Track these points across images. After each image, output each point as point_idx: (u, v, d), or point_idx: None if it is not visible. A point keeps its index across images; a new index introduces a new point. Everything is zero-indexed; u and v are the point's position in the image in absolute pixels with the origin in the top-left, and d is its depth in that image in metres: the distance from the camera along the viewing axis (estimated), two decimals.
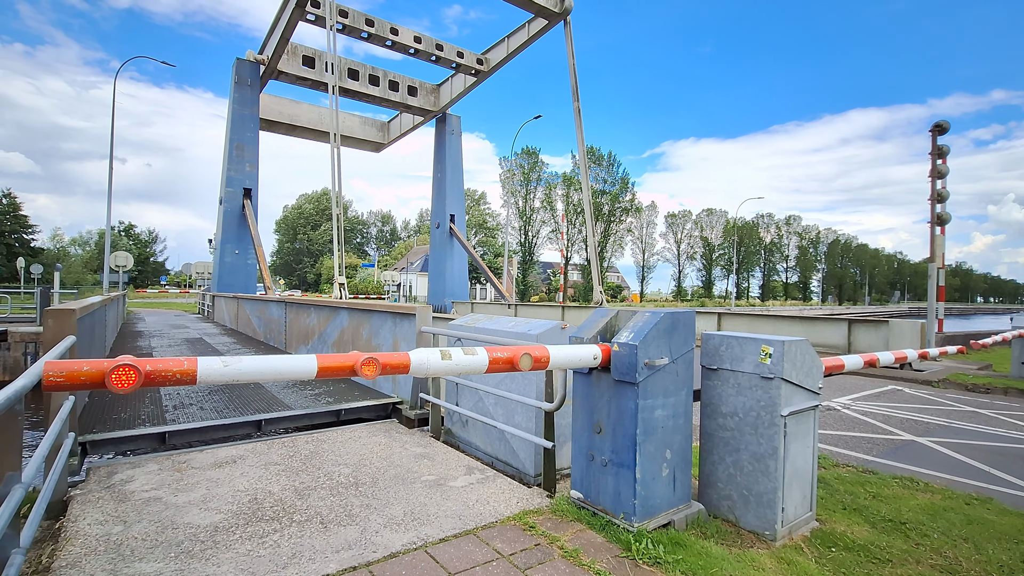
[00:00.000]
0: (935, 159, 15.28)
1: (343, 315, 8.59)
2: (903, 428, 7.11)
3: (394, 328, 6.69)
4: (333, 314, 9.07)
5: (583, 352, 3.41)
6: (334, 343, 8.85)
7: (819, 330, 12.34)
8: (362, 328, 7.79)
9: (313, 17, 21.70)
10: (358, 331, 7.94)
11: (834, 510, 4.01)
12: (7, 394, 2.24)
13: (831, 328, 12.17)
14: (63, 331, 4.23)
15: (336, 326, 8.92)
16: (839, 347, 11.72)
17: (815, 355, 3.71)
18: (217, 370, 2.42)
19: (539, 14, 21.51)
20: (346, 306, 8.46)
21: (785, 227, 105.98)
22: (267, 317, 13.84)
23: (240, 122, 25.53)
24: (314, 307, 10.31)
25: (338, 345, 8.63)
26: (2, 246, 51.10)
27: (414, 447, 5.17)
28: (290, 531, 3.35)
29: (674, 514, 3.51)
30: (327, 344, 9.21)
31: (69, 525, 3.37)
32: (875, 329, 11.27)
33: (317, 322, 10.00)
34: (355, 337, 7.98)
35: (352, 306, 8.24)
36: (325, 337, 9.37)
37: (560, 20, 21.33)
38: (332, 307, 9.13)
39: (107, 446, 4.99)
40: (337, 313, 8.88)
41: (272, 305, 13.35)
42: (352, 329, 8.21)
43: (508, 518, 3.60)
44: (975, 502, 4.30)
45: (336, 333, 8.88)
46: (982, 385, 10.29)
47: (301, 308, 11.16)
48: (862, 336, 11.52)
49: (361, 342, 7.63)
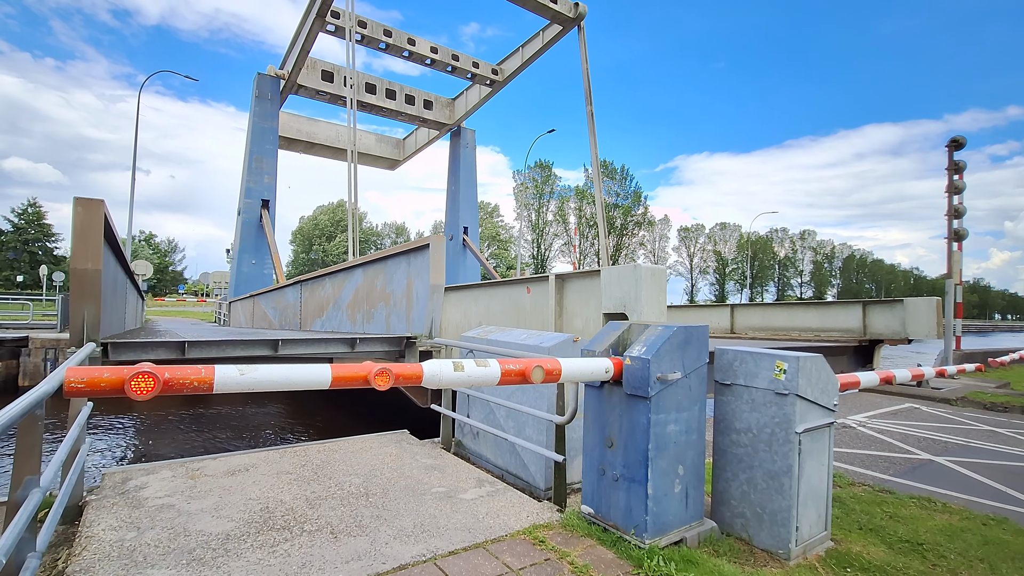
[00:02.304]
0: (951, 174, 15.12)
1: (357, 274, 8.56)
2: (920, 447, 6.96)
3: (408, 268, 6.61)
4: (347, 277, 9.10)
5: (595, 365, 3.41)
6: (348, 305, 8.84)
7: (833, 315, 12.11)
8: (376, 280, 7.73)
9: (333, 28, 22.18)
10: (372, 284, 7.87)
11: (850, 530, 3.93)
12: (29, 399, 2.30)
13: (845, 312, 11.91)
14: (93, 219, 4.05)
15: (350, 288, 8.94)
16: (855, 330, 11.45)
17: (831, 371, 3.67)
18: (233, 378, 2.45)
19: (554, 20, 21.77)
20: (360, 262, 8.43)
21: (800, 242, 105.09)
22: (283, 304, 13.96)
23: (260, 135, 26.01)
24: (328, 276, 10.41)
25: (352, 306, 8.60)
26: (26, 254, 52.27)
27: (425, 458, 5.17)
28: (300, 540, 3.36)
29: (686, 531, 3.46)
30: (341, 308, 9.22)
31: (84, 530, 3.41)
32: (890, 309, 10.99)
33: (332, 291, 10.07)
34: (369, 292, 7.91)
35: (366, 259, 8.19)
36: (339, 303, 9.37)
37: (574, 26, 21.56)
38: (346, 269, 9.15)
39: (128, 350, 4.94)
40: (351, 274, 8.88)
41: (288, 291, 13.51)
42: (366, 285, 8.14)
43: (518, 532, 3.58)
44: (992, 522, 4.20)
45: (350, 295, 8.88)
46: (1001, 403, 10.06)
47: (316, 283, 11.29)
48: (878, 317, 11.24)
49: (376, 293, 7.56)
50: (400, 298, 6.74)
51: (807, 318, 12.89)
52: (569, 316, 6.17)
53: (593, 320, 5.78)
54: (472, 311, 8.11)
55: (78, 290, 3.93)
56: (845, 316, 11.82)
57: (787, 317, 14.24)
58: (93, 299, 3.98)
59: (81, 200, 4.02)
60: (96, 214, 4.03)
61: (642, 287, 5.12)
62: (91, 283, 3.96)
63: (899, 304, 10.81)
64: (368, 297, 7.90)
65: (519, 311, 7.00)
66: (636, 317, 5.15)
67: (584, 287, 5.96)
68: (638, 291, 5.13)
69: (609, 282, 5.47)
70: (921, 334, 10.34)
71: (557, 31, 22.51)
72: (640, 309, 5.12)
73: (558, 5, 20.52)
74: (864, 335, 11.34)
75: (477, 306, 7.99)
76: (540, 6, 20.37)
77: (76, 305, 3.92)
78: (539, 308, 6.59)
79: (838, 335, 12.14)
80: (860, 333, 11.52)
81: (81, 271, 3.88)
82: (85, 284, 3.93)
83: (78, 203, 4.01)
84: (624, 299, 5.27)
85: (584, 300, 5.94)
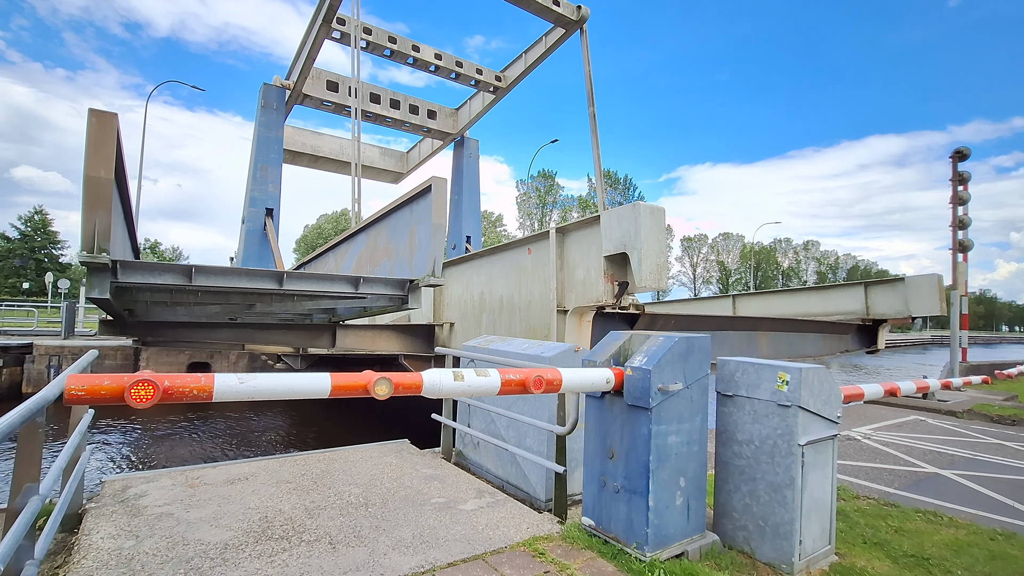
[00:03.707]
0: (956, 185, 15.10)
1: (360, 239, 8.49)
2: (926, 460, 6.89)
3: (410, 217, 6.56)
4: (349, 245, 9.03)
5: (596, 376, 3.39)
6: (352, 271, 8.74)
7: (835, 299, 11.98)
8: (379, 239, 7.66)
9: (339, 35, 22.41)
10: (375, 245, 7.78)
11: (854, 544, 3.89)
12: (29, 406, 2.30)
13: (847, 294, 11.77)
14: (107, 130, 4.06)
15: (353, 254, 8.87)
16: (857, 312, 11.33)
17: (834, 382, 3.64)
18: (233, 387, 2.45)
19: (557, 22, 21.92)
20: (362, 226, 8.28)
21: (803, 252, 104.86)
22: None
23: (265, 144, 26.23)
24: (330, 250, 10.32)
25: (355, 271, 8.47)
26: (32, 261, 52.59)
27: (424, 468, 5.15)
28: (299, 550, 3.34)
29: (688, 544, 3.43)
30: None
31: (83, 538, 3.40)
32: (892, 289, 10.88)
33: (334, 263, 9.98)
34: (372, 253, 7.82)
35: (368, 221, 8.10)
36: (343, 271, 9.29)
37: (577, 29, 21.69)
38: (348, 237, 9.06)
39: (135, 271, 4.90)
40: (353, 241, 8.81)
41: None
42: (369, 247, 8.04)
43: (517, 544, 3.55)
44: (999, 537, 4.15)
45: (353, 262, 8.81)
46: (1008, 416, 9.96)
47: (319, 260, 11.20)
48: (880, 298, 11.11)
49: (379, 252, 7.42)
50: (403, 249, 6.68)
51: (808, 303, 12.72)
52: (570, 268, 6.13)
53: (594, 269, 5.72)
54: (474, 282, 8.06)
55: (91, 198, 3.99)
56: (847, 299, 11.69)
57: (787, 303, 14.05)
58: (104, 208, 4.02)
59: (96, 111, 4.09)
60: (110, 126, 4.09)
61: (641, 224, 5.12)
62: (103, 191, 4.01)
63: (900, 283, 10.74)
64: (371, 258, 7.82)
65: (520, 273, 6.96)
66: (636, 256, 5.13)
67: (584, 237, 5.93)
68: (638, 228, 5.13)
69: (609, 225, 5.46)
70: (924, 311, 10.28)
71: (560, 35, 22.66)
72: (640, 246, 5.11)
73: (560, 7, 20.67)
74: (867, 316, 11.22)
75: (479, 276, 7.94)
76: (543, 8, 20.51)
77: (88, 213, 3.97)
78: (540, 266, 6.56)
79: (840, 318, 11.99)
80: (863, 315, 11.38)
81: (94, 178, 3.95)
82: (98, 192, 3.98)
83: (93, 114, 4.08)
84: (624, 239, 5.25)
85: (584, 250, 5.90)
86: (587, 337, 6.32)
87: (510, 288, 7.17)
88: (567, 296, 6.11)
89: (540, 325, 6.52)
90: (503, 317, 7.30)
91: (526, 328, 6.79)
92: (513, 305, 7.09)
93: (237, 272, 5.40)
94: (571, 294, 6.06)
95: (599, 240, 5.58)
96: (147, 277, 4.98)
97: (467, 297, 8.23)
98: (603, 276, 5.55)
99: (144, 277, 4.96)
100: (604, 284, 5.56)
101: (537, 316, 6.58)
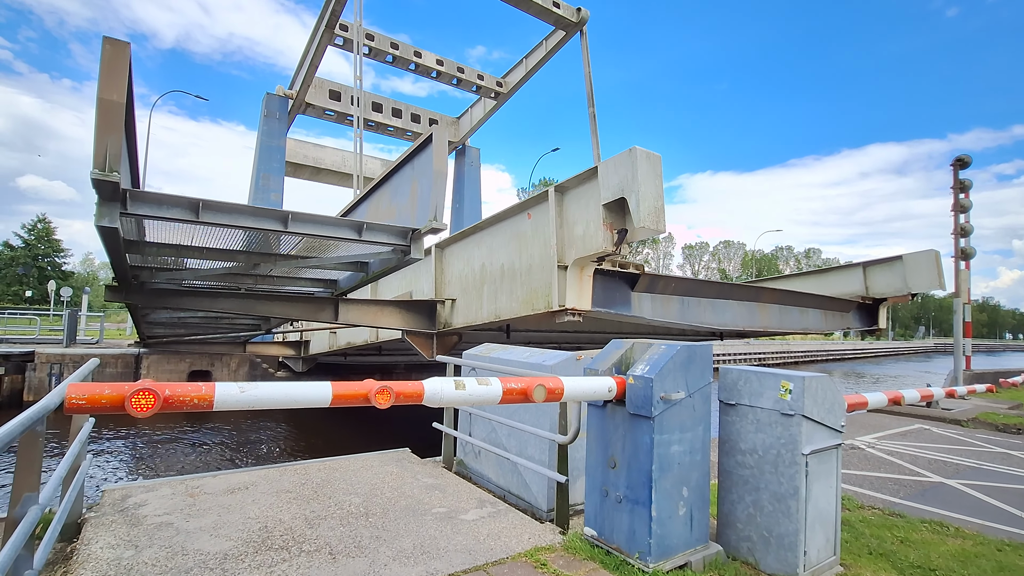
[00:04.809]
0: (957, 193, 15.11)
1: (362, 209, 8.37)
2: (931, 469, 6.84)
3: (412, 172, 6.51)
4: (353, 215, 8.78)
5: (597, 384, 3.38)
6: None
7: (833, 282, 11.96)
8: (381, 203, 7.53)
9: (341, 41, 22.56)
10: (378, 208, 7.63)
11: (859, 555, 3.85)
12: (29, 415, 2.30)
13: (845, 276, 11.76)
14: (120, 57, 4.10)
15: None
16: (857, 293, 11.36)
17: (837, 391, 3.62)
18: (234, 396, 2.44)
19: (557, 24, 22.04)
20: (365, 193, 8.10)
21: (805, 260, 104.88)
22: None
23: (267, 153, 26.37)
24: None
25: None
26: (35, 269, 52.73)
27: (425, 477, 5.12)
28: (299, 561, 3.32)
29: (691, 555, 3.40)
30: None
31: (82, 548, 3.37)
32: (890, 268, 10.94)
33: None
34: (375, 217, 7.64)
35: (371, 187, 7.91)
36: None
37: (576, 31, 21.80)
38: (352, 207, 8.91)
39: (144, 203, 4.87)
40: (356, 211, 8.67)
41: None
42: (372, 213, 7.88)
43: (519, 555, 3.52)
44: (1007, 548, 4.10)
45: None
46: (1013, 425, 9.90)
47: None
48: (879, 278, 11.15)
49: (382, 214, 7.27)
50: (405, 207, 6.63)
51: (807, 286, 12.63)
52: (569, 226, 6.11)
53: (593, 222, 5.69)
54: (475, 255, 8.00)
55: (103, 121, 4.07)
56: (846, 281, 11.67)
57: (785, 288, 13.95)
58: (116, 131, 4.09)
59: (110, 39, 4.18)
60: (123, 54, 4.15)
61: (638, 167, 5.14)
62: (115, 114, 4.09)
63: (898, 261, 10.78)
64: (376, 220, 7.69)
65: (520, 240, 6.93)
66: (635, 199, 5.13)
67: (583, 192, 5.92)
68: (635, 172, 5.14)
69: (606, 173, 5.47)
70: (923, 287, 10.31)
71: (560, 38, 22.77)
72: (637, 189, 5.12)
73: (560, 10, 20.79)
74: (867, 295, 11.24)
75: (480, 249, 7.89)
76: (543, 10, 20.64)
77: (101, 135, 4.04)
78: (540, 229, 6.55)
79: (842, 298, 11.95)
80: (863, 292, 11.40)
81: (107, 101, 4.03)
82: (110, 115, 4.06)
83: (107, 42, 4.16)
84: (622, 184, 5.27)
85: (584, 204, 5.90)
86: (588, 295, 6.32)
87: (511, 255, 7.15)
88: (567, 252, 6.12)
89: (541, 286, 6.50)
90: (504, 284, 7.27)
91: (527, 291, 6.78)
92: (514, 271, 7.07)
93: (242, 210, 5.39)
94: (571, 250, 6.07)
95: (597, 193, 5.59)
96: (155, 209, 4.97)
97: (468, 272, 8.18)
98: (602, 226, 5.54)
99: (152, 209, 4.95)
100: (604, 233, 5.55)
101: (538, 277, 6.57)
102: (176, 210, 5.03)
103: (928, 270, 10.22)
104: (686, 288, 7.93)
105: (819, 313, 10.81)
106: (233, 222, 5.30)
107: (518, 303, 6.97)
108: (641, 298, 7.21)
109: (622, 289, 6.95)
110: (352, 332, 13.05)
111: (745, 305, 9.12)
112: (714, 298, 8.55)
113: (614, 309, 6.74)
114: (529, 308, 6.70)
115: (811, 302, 10.55)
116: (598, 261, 6.04)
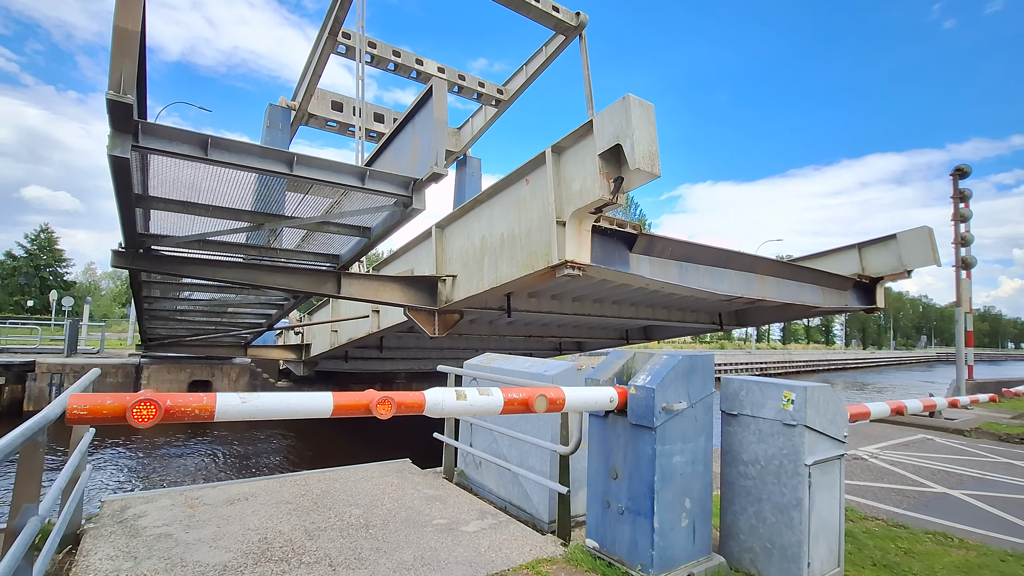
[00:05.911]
0: (957, 203, 15.15)
1: None
2: (935, 480, 6.80)
3: (413, 130, 6.52)
4: None
5: (599, 395, 3.37)
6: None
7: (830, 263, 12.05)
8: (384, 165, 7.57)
9: (344, 49, 22.74)
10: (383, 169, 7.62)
11: (863, 566, 3.82)
12: (30, 425, 2.30)
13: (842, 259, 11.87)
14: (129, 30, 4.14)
15: None
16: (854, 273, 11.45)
17: (840, 402, 3.61)
18: (235, 406, 2.44)
19: (556, 29, 22.17)
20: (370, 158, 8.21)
21: None
22: None
23: None
24: None
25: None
26: (37, 279, 52.81)
27: (426, 488, 5.09)
28: (298, 573, 3.30)
29: (694, 567, 3.37)
30: None
31: (81, 559, 3.36)
32: (885, 247, 11.08)
33: None
34: None
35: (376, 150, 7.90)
36: None
37: (576, 35, 21.96)
38: None
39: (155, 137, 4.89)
40: None
41: None
42: None
43: (520, 566, 3.49)
44: (1010, 558, 4.07)
45: None
46: (1016, 435, 9.85)
47: None
48: (874, 258, 11.29)
49: None
50: (406, 165, 6.68)
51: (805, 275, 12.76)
52: (567, 183, 6.14)
53: (590, 176, 5.71)
54: (475, 229, 8.00)
55: (119, 47, 4.09)
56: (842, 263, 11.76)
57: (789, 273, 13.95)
58: (131, 58, 4.10)
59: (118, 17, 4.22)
60: None
61: (632, 114, 5.19)
62: (130, 42, 4.09)
63: (892, 240, 10.91)
64: None
65: (519, 206, 6.94)
66: (629, 144, 5.16)
67: (579, 149, 5.95)
68: (629, 118, 5.19)
69: (601, 124, 5.51)
70: (918, 263, 10.42)
71: (560, 42, 22.91)
72: (632, 134, 5.17)
73: (560, 14, 20.99)
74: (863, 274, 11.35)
75: (479, 223, 7.89)
76: (542, 14, 20.81)
77: (116, 61, 4.01)
78: (538, 192, 6.56)
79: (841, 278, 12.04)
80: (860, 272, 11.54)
81: (122, 29, 4.03)
82: (125, 42, 4.06)
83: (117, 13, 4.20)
84: (616, 132, 5.31)
85: (580, 160, 5.93)
86: (587, 250, 6.35)
87: (510, 223, 7.16)
88: (565, 208, 6.16)
89: (540, 246, 6.51)
90: (504, 252, 7.27)
91: (527, 255, 6.78)
92: (514, 237, 7.09)
93: (251, 150, 5.46)
94: (569, 206, 6.12)
95: (593, 146, 5.64)
96: (166, 144, 5.02)
97: (468, 247, 8.18)
98: (599, 176, 5.58)
99: (163, 143, 5.01)
100: (600, 182, 5.58)
101: (537, 239, 6.59)
102: (186, 146, 5.09)
103: (922, 247, 10.32)
104: (684, 252, 7.96)
105: (817, 288, 10.92)
106: (241, 162, 5.37)
107: (518, 267, 6.97)
108: (640, 259, 7.28)
109: (620, 249, 7.01)
110: (353, 326, 13.04)
111: (743, 275, 9.19)
112: (712, 265, 8.60)
113: (613, 267, 6.78)
114: (529, 269, 6.70)
115: (808, 276, 10.66)
116: (596, 213, 6.07)
